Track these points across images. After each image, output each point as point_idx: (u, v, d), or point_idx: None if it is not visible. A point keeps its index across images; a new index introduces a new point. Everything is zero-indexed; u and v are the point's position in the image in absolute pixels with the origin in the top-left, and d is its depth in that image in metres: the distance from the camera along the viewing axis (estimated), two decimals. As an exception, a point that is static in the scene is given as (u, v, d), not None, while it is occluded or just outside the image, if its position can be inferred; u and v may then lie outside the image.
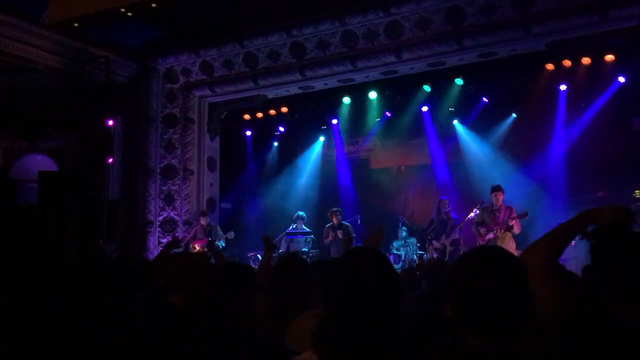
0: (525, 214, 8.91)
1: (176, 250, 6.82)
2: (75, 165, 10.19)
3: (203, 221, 10.95)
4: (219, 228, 11.03)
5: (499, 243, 8.66)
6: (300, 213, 11.47)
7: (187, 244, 10.70)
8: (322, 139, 13.68)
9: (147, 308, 2.94)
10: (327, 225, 10.91)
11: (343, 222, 10.92)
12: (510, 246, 8.71)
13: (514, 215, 8.94)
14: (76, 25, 9.75)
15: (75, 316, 2.41)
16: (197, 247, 10.61)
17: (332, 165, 13.77)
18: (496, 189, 9.23)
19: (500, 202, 9.12)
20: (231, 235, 10.94)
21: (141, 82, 11.77)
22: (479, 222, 9.28)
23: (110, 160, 10.88)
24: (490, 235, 8.97)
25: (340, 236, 10.58)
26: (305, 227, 11.35)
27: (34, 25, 9.77)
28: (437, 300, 3.56)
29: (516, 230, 8.90)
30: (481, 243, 8.96)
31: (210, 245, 10.34)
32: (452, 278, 1.66)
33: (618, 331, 1.74)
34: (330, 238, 10.75)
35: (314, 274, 2.93)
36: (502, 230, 8.92)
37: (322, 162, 13.96)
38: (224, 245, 10.96)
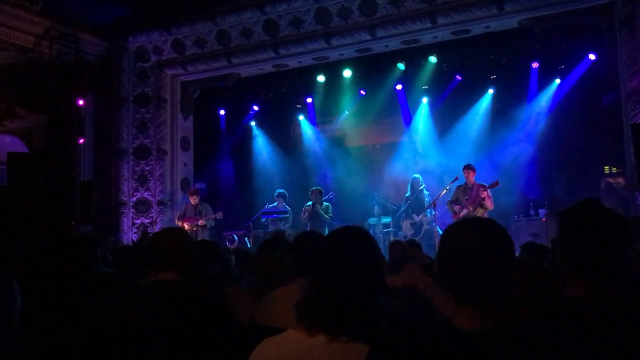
0: (497, 183, 9.01)
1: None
2: (45, 146, 10.01)
3: (193, 200, 10.85)
4: (209, 207, 10.92)
5: None
6: (281, 190, 11.41)
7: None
8: (301, 117, 13.63)
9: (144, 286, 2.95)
10: (307, 203, 10.93)
11: (324, 202, 10.94)
12: None
13: (486, 187, 9.02)
14: None
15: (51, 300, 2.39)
16: (187, 226, 10.55)
17: (307, 143, 13.75)
18: (467, 167, 9.35)
19: (472, 179, 9.23)
20: (220, 215, 10.87)
21: (112, 60, 11.57)
22: (454, 201, 9.40)
23: (82, 140, 10.72)
24: (464, 212, 9.08)
25: (317, 211, 10.61)
26: (286, 205, 11.32)
27: (1, 2, 9.50)
28: None
29: (489, 205, 9.00)
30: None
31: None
32: (441, 242, 1.70)
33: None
34: (306, 215, 10.76)
35: (298, 246, 2.95)
36: (475, 206, 9.04)
37: (297, 140, 13.94)
38: (213, 224, 10.91)
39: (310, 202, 10.82)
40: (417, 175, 10.63)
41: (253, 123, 13.98)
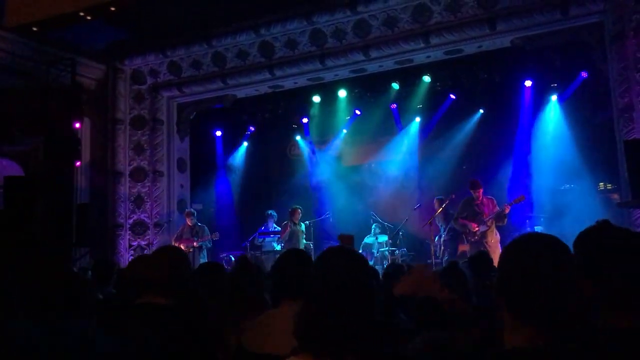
0: (522, 197, 8.90)
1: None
2: (42, 170, 10.02)
3: (189, 221, 10.86)
4: (206, 228, 10.93)
5: (487, 234, 8.77)
6: (270, 211, 11.49)
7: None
8: (298, 137, 13.71)
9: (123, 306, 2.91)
10: (285, 222, 10.95)
11: (302, 223, 10.98)
12: (496, 238, 8.84)
13: (506, 203, 8.94)
14: (35, 29, 9.58)
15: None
16: (183, 247, 10.55)
17: (304, 163, 13.80)
18: (474, 184, 9.08)
19: (481, 196, 9.05)
20: (216, 236, 10.91)
21: (108, 83, 11.64)
22: (463, 216, 9.12)
23: (78, 163, 10.73)
24: (483, 228, 8.91)
25: (295, 231, 10.63)
26: (275, 226, 11.35)
27: (-2, 27, 9.59)
28: None
29: (505, 221, 8.95)
30: (471, 239, 8.98)
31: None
32: (503, 258, 1.66)
33: None
34: (285, 235, 10.80)
35: (285, 268, 2.90)
36: (492, 221, 8.94)
37: (293, 160, 13.99)
38: (209, 245, 10.92)
39: (287, 221, 10.86)
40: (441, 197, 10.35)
41: (249, 144, 14.04)
